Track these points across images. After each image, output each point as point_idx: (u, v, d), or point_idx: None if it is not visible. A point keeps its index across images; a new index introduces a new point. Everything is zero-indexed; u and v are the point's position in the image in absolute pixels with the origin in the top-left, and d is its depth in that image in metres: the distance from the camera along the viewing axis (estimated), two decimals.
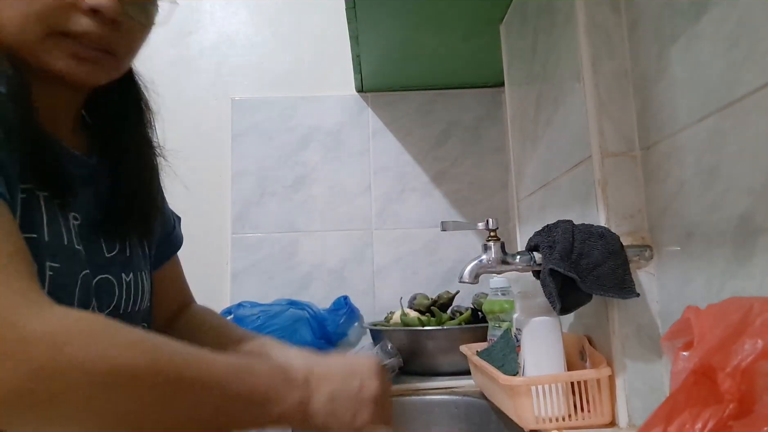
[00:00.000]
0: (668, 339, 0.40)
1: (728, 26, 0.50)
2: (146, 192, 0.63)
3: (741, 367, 0.30)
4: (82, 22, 0.50)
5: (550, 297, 0.62)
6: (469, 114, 1.47)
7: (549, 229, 0.67)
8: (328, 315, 1.25)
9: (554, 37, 0.81)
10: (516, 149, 1.06)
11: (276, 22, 1.53)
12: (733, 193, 0.50)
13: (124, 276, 0.60)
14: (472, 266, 0.68)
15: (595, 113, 0.68)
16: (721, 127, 0.51)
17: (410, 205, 1.43)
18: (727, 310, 0.34)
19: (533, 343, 0.68)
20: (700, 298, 0.56)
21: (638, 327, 0.64)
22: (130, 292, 0.60)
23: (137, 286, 0.62)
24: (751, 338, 0.31)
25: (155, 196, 0.66)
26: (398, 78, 1.39)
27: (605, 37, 0.69)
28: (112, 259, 0.58)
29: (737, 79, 0.49)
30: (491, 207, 1.42)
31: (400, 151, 1.46)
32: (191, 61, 1.50)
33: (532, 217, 0.97)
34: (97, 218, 0.57)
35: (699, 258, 0.56)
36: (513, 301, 0.91)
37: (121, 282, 0.59)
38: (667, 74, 0.60)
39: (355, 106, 1.47)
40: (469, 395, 0.92)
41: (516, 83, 1.06)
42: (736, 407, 0.29)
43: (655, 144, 0.63)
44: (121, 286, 0.59)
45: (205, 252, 1.40)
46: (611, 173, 0.67)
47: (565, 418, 0.65)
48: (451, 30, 1.12)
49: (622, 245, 0.63)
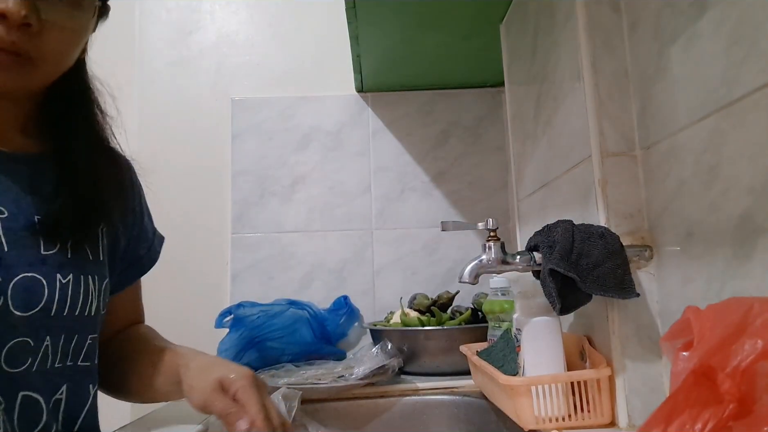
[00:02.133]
0: (668, 339, 0.39)
1: (728, 26, 0.50)
2: (91, 196, 0.61)
3: (741, 368, 0.29)
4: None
5: (550, 297, 0.62)
6: (469, 114, 1.47)
7: (549, 229, 0.67)
8: (328, 315, 1.25)
9: (554, 37, 0.81)
10: (516, 149, 1.06)
11: (276, 22, 1.52)
12: (733, 193, 0.50)
13: (60, 277, 0.57)
14: (472, 266, 0.67)
15: (595, 113, 0.68)
16: (721, 127, 0.51)
17: (410, 205, 1.43)
18: (727, 310, 0.34)
19: (533, 343, 0.68)
20: (700, 298, 0.56)
21: (638, 327, 0.64)
22: (66, 294, 0.58)
23: (78, 288, 0.59)
24: (751, 338, 0.30)
25: (105, 201, 0.63)
26: (398, 78, 1.39)
27: (605, 36, 0.69)
28: (46, 258, 0.57)
29: (737, 79, 0.49)
30: (491, 207, 1.42)
31: (400, 151, 1.46)
32: (191, 61, 1.50)
33: (532, 217, 0.97)
34: (33, 216, 0.57)
35: (699, 258, 0.56)
36: (513, 301, 0.91)
37: (53, 282, 0.56)
38: (667, 74, 0.60)
39: (355, 106, 1.47)
40: (469, 395, 0.92)
41: (516, 83, 1.05)
42: (736, 408, 0.29)
43: (655, 144, 0.63)
44: (53, 286, 0.56)
45: (205, 252, 1.40)
46: (611, 173, 0.67)
47: (564, 418, 0.65)
48: (451, 30, 1.12)
49: (622, 245, 0.63)
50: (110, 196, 0.65)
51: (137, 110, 1.47)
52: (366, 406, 0.94)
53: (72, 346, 0.59)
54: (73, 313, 0.58)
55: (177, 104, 1.48)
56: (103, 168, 0.64)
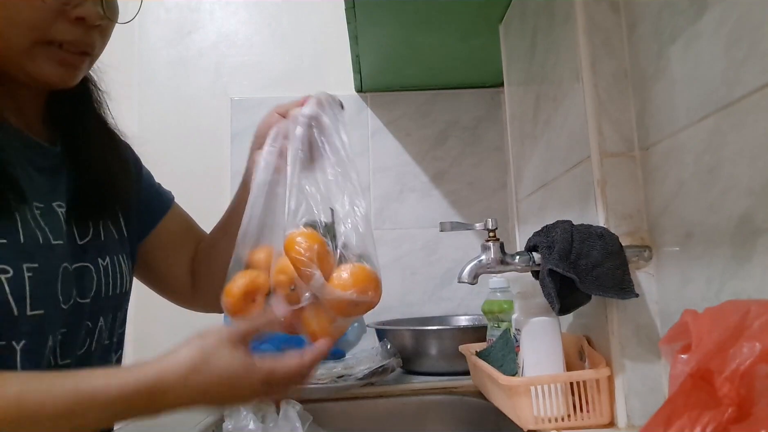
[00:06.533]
0: (666, 342, 0.39)
1: (728, 26, 0.50)
2: (109, 174, 0.64)
3: (739, 371, 0.29)
4: (67, 30, 0.51)
5: (549, 297, 0.62)
6: (468, 114, 1.47)
7: (548, 229, 0.67)
8: None
9: (553, 37, 0.81)
10: (515, 149, 1.06)
11: (275, 22, 1.52)
12: (732, 194, 0.50)
13: (101, 261, 0.60)
14: (471, 266, 0.67)
15: (594, 113, 0.68)
16: (721, 127, 0.51)
17: (409, 205, 1.43)
18: (725, 313, 0.34)
19: (532, 344, 0.68)
20: (700, 299, 0.56)
21: (637, 327, 0.64)
22: (108, 276, 0.61)
23: (114, 269, 0.62)
24: (749, 341, 0.30)
25: (119, 175, 0.66)
26: (397, 78, 1.39)
27: (604, 36, 0.69)
28: (86, 245, 0.59)
29: (737, 79, 0.49)
30: (490, 207, 1.42)
31: (399, 151, 1.45)
32: (190, 61, 1.50)
33: (531, 217, 0.97)
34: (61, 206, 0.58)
35: (698, 258, 0.56)
36: (512, 302, 0.91)
37: (98, 267, 0.59)
38: (666, 74, 0.60)
39: (354, 106, 1.46)
40: (468, 395, 0.92)
41: (515, 83, 1.05)
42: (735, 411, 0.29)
43: (655, 144, 0.63)
44: (99, 271, 0.59)
45: None
46: (610, 173, 0.67)
47: (564, 418, 0.65)
48: (451, 30, 1.12)
49: (621, 245, 0.63)
50: (121, 176, 0.67)
51: (137, 110, 1.46)
52: (365, 406, 0.94)
53: (117, 323, 0.64)
54: (115, 292, 0.61)
55: (176, 104, 1.47)
56: (110, 150, 0.65)
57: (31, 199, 0.53)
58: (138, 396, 0.43)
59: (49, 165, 0.58)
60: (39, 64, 0.52)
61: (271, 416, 0.76)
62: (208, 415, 0.82)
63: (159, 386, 0.44)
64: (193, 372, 0.45)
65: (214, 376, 0.45)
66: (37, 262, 0.50)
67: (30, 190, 0.53)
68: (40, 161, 0.57)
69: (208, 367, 0.45)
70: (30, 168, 0.55)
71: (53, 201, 0.56)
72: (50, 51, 0.52)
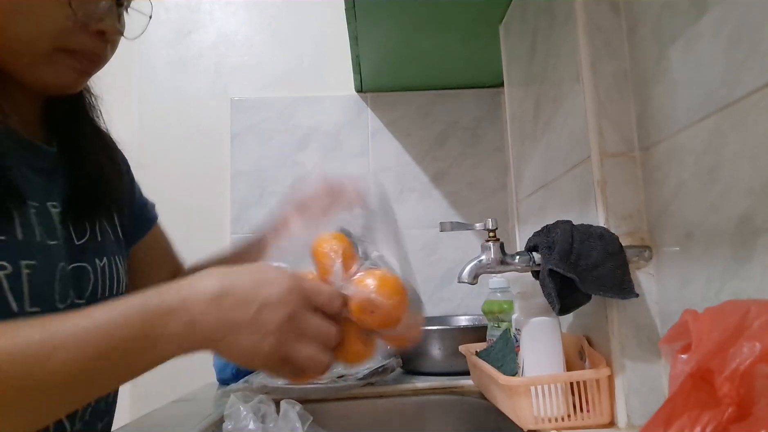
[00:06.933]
0: (666, 342, 0.39)
1: (728, 26, 0.50)
2: (103, 174, 0.65)
3: (739, 371, 0.29)
4: (86, 41, 0.55)
5: (549, 297, 0.62)
6: (468, 114, 1.47)
7: (548, 229, 0.67)
8: None
9: (553, 38, 0.81)
10: (515, 150, 1.06)
11: (275, 22, 1.52)
12: (732, 194, 0.50)
13: (98, 261, 0.60)
14: (471, 266, 0.67)
15: (594, 114, 0.68)
16: (721, 128, 0.51)
17: (409, 206, 1.43)
18: (725, 313, 0.34)
19: (532, 344, 0.68)
20: (700, 299, 0.56)
21: (637, 327, 0.64)
22: (105, 277, 0.61)
23: (112, 270, 0.62)
24: (749, 341, 0.30)
25: (113, 176, 0.67)
26: (397, 78, 1.39)
27: (605, 37, 0.69)
28: (84, 246, 0.59)
29: (737, 79, 0.49)
30: (490, 207, 1.42)
31: (399, 151, 1.46)
32: (190, 61, 1.50)
33: (531, 217, 0.97)
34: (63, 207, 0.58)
35: (698, 258, 0.56)
36: (512, 302, 0.91)
37: (95, 268, 0.60)
38: (666, 75, 0.60)
39: (354, 106, 1.47)
40: (468, 395, 0.92)
41: (515, 84, 1.05)
42: (735, 411, 0.29)
43: (655, 144, 0.63)
44: (96, 272, 0.60)
45: (205, 252, 1.39)
46: (610, 174, 0.67)
47: (564, 418, 0.65)
48: (451, 30, 1.12)
49: (622, 246, 0.63)
50: (115, 176, 0.67)
51: (136, 110, 1.46)
52: (365, 406, 0.94)
53: None
54: (112, 294, 0.62)
55: (176, 104, 1.47)
56: (103, 151, 0.66)
57: (28, 199, 0.53)
58: (165, 304, 0.42)
59: (45, 165, 0.58)
60: (56, 69, 0.55)
61: (271, 416, 0.75)
62: (208, 414, 0.82)
63: (187, 288, 0.43)
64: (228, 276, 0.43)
65: (245, 277, 0.43)
66: (35, 260, 0.51)
67: (26, 190, 0.53)
68: (36, 161, 0.57)
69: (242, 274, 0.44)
70: (25, 168, 0.55)
71: (48, 201, 0.56)
72: (69, 59, 0.55)
